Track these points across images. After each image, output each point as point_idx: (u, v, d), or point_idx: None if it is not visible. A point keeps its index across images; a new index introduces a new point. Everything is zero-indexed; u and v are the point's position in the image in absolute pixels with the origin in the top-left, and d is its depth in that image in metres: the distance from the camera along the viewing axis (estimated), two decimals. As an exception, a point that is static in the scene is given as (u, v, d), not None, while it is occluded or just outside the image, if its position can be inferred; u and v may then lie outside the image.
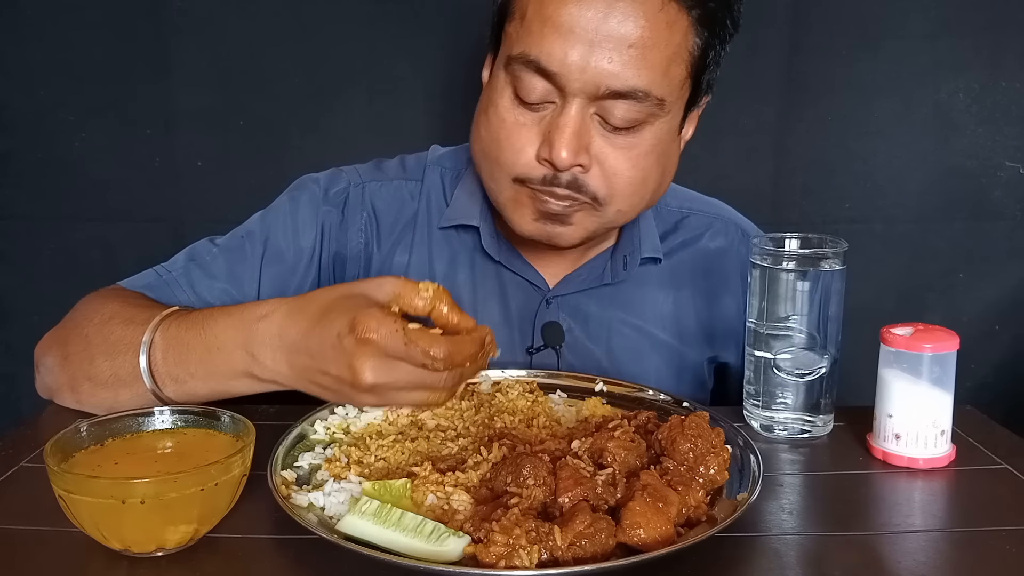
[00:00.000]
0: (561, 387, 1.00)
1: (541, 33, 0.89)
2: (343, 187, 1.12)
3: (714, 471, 0.75)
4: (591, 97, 0.90)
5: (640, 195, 0.98)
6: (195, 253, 1.08)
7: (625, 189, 0.96)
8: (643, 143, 0.94)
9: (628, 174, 0.95)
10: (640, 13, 0.87)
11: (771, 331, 0.92)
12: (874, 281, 1.60)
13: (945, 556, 0.70)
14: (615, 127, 0.92)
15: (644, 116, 0.92)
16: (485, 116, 0.97)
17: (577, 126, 0.91)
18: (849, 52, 1.55)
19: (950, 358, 0.86)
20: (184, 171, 1.56)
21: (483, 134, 0.98)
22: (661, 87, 0.90)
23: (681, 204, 1.18)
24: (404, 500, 0.73)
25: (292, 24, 1.51)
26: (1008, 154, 1.59)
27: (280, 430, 0.84)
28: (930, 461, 0.86)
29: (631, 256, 1.10)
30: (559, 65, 0.88)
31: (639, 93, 0.89)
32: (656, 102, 0.91)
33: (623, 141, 0.93)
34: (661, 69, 0.90)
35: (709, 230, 1.17)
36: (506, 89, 0.94)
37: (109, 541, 0.66)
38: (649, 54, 0.88)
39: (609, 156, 0.93)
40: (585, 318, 1.11)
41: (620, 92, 0.89)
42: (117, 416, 0.75)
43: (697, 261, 1.15)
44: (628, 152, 0.94)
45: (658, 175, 0.98)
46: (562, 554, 0.63)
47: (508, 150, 0.95)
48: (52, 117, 1.54)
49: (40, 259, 1.59)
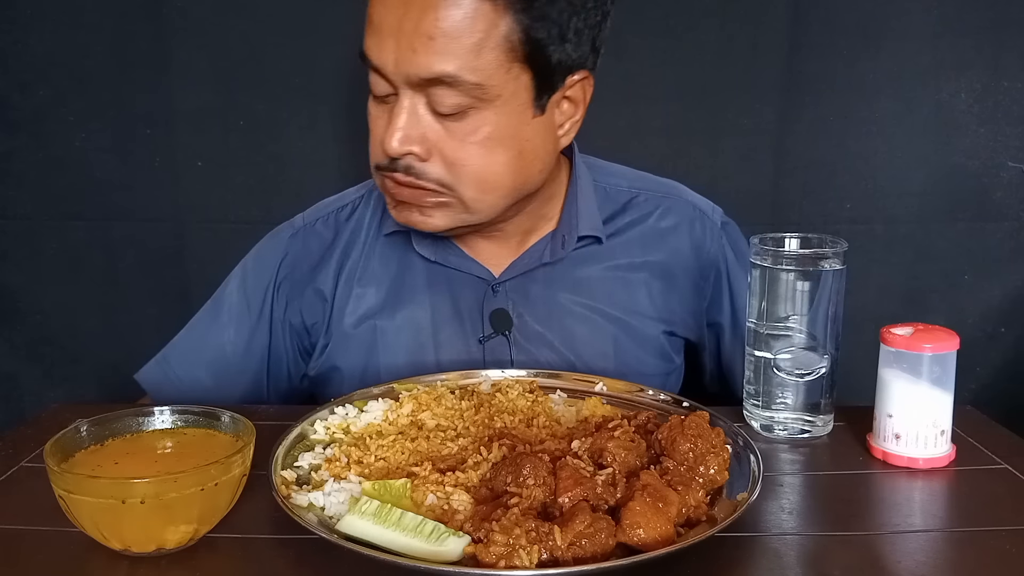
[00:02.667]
0: (561, 387, 1.00)
1: (367, 33, 0.96)
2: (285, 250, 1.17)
3: (714, 471, 0.75)
4: (412, 86, 0.94)
5: (493, 182, 1.00)
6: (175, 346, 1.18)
7: (471, 176, 0.98)
8: (477, 130, 0.97)
9: (471, 161, 0.98)
10: (434, 6, 0.91)
11: (771, 331, 0.92)
12: (876, 282, 1.60)
13: (945, 556, 0.70)
14: (442, 114, 0.96)
15: (469, 102, 0.95)
16: None
17: (406, 117, 0.96)
18: (850, 52, 1.54)
19: (950, 358, 0.86)
20: (184, 171, 1.56)
21: None
22: (474, 72, 0.93)
23: (632, 184, 1.20)
24: (404, 500, 0.73)
25: (292, 24, 1.51)
26: (1010, 154, 1.58)
27: (280, 430, 0.84)
28: (930, 461, 0.86)
29: (568, 235, 1.12)
30: (377, 59, 0.95)
31: (448, 79, 0.92)
32: (474, 86, 0.93)
33: (456, 128, 0.96)
34: (470, 55, 0.92)
35: (659, 208, 1.18)
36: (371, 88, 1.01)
37: (109, 541, 0.66)
38: (451, 44, 0.91)
39: (447, 144, 0.97)
40: (532, 302, 1.12)
41: (430, 79, 0.93)
42: (117, 416, 0.75)
43: (647, 239, 1.16)
44: (464, 140, 0.97)
45: (507, 159, 0.99)
46: (562, 554, 0.63)
47: (371, 143, 1.02)
48: (53, 117, 1.54)
49: (41, 258, 1.59)
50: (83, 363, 1.62)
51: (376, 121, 1.01)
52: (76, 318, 1.59)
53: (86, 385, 1.63)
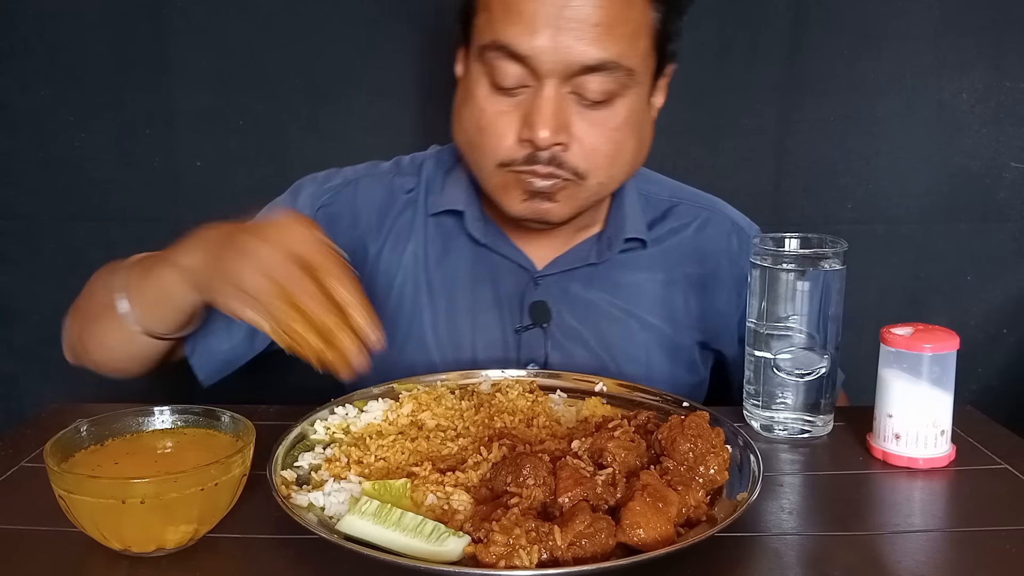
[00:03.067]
0: (561, 387, 1.00)
1: (508, 20, 0.93)
2: (337, 183, 1.16)
3: (714, 471, 0.75)
4: (565, 76, 0.94)
5: (619, 166, 1.02)
6: None
7: (603, 162, 1.00)
8: (618, 115, 0.98)
9: (605, 148, 0.99)
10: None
11: (771, 331, 0.92)
12: (878, 283, 1.60)
13: (945, 556, 0.70)
14: (592, 101, 0.96)
15: (617, 87, 0.96)
16: (466, 108, 1.01)
17: (555, 105, 0.95)
18: (851, 52, 1.54)
19: (950, 358, 0.86)
20: (184, 171, 1.56)
21: (466, 126, 1.02)
22: (630, 58, 0.95)
23: (672, 193, 1.21)
24: (404, 500, 0.73)
25: (292, 24, 1.51)
26: (1013, 154, 1.58)
27: (280, 430, 0.84)
28: (930, 461, 0.86)
29: (615, 237, 1.12)
30: (529, 48, 0.92)
31: (610, 64, 0.94)
32: (626, 72, 0.95)
33: (599, 116, 0.97)
34: (627, 41, 0.94)
35: (697, 219, 1.19)
36: (481, 79, 0.98)
37: (109, 541, 0.66)
38: (613, 30, 0.93)
39: (587, 132, 0.98)
40: (572, 299, 1.13)
41: (591, 66, 0.93)
42: (117, 416, 0.75)
43: (685, 248, 1.17)
44: (604, 126, 0.98)
45: (634, 144, 1.03)
46: (562, 554, 0.63)
47: (491, 137, 0.99)
48: (53, 117, 1.54)
49: (41, 258, 1.59)
50: (83, 364, 1.62)
51: (497, 116, 0.98)
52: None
53: (85, 385, 1.61)
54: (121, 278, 0.95)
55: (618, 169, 1.03)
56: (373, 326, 0.78)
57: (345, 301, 0.77)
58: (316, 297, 0.76)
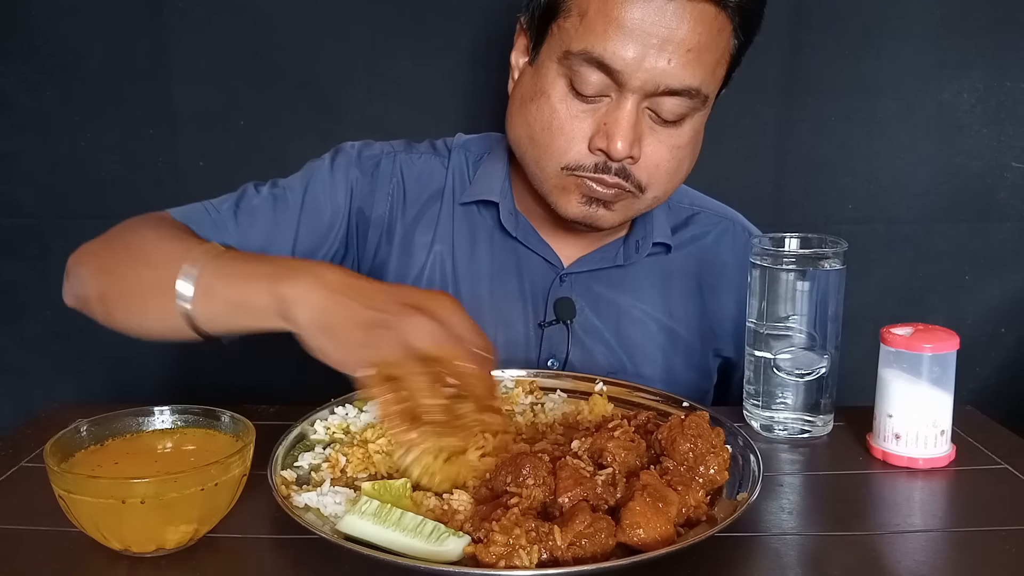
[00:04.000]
0: (561, 387, 1.00)
1: (606, 33, 0.93)
2: (375, 153, 1.17)
3: (714, 471, 0.75)
4: (647, 94, 0.95)
5: (674, 182, 1.05)
6: (241, 198, 1.11)
7: (663, 177, 1.02)
8: (684, 135, 1.00)
9: (667, 165, 1.01)
10: (699, 19, 0.92)
11: (771, 331, 0.92)
12: (877, 282, 1.60)
13: (945, 556, 0.70)
14: (665, 120, 0.98)
15: (689, 111, 0.98)
16: (535, 104, 1.00)
17: (633, 120, 0.96)
18: (851, 52, 1.54)
19: (950, 358, 0.86)
20: (186, 170, 1.57)
21: (532, 123, 1.01)
22: (709, 85, 0.97)
23: (692, 202, 1.23)
24: (404, 500, 0.73)
25: (292, 24, 1.51)
26: (1013, 155, 1.58)
27: (280, 430, 0.84)
28: (930, 461, 0.86)
29: (643, 240, 1.14)
30: (622, 63, 0.93)
31: (692, 91, 0.95)
32: (702, 98, 0.98)
33: (667, 133, 0.99)
34: (711, 70, 0.96)
35: (716, 228, 1.21)
36: (559, 80, 0.98)
37: (109, 541, 0.66)
38: (703, 57, 0.94)
39: (655, 149, 0.99)
40: (596, 299, 1.14)
41: (676, 90, 0.95)
42: (117, 416, 0.75)
43: (704, 256, 1.19)
44: (669, 143, 1.00)
45: (690, 162, 1.05)
46: (562, 554, 0.64)
47: (561, 139, 0.99)
48: (59, 117, 1.55)
49: (49, 256, 1.60)
50: (91, 358, 1.63)
51: (571, 120, 0.98)
52: (84, 314, 1.60)
53: (95, 380, 1.64)
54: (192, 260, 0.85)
55: (673, 185, 1.05)
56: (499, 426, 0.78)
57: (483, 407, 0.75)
58: (439, 406, 0.72)
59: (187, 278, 0.83)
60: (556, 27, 0.98)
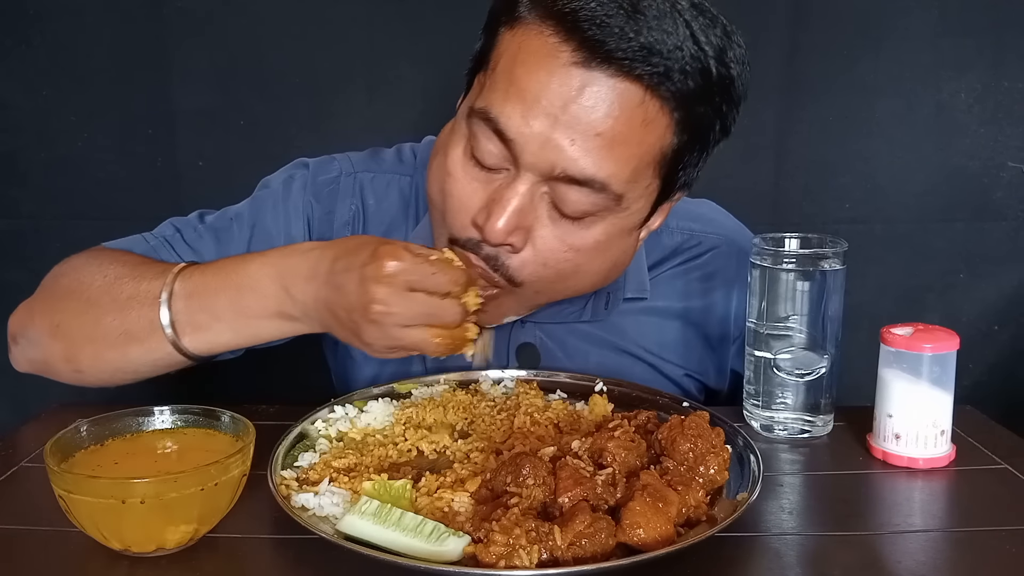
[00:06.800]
0: (561, 387, 1.00)
1: (506, 93, 0.81)
2: (333, 176, 1.07)
3: (714, 471, 0.75)
4: (544, 175, 0.82)
5: (567, 284, 0.91)
6: (182, 228, 1.04)
7: (549, 277, 0.88)
8: (589, 237, 0.86)
9: (558, 266, 0.87)
10: (617, 103, 0.79)
11: (771, 331, 0.92)
12: (874, 281, 1.60)
13: (945, 556, 0.70)
14: (563, 214, 0.84)
15: (597, 209, 0.84)
16: (438, 161, 0.90)
17: (521, 204, 0.83)
18: (850, 52, 1.55)
19: (950, 358, 0.86)
20: (185, 171, 1.57)
21: (432, 180, 0.91)
22: (621, 184, 0.83)
23: (680, 224, 1.10)
24: (404, 500, 0.73)
25: (292, 24, 1.52)
26: (1010, 154, 1.59)
27: (280, 430, 0.84)
28: (930, 461, 0.86)
29: (614, 294, 1.04)
30: (516, 132, 0.81)
31: (596, 183, 0.82)
32: (613, 197, 0.83)
33: (567, 229, 0.86)
34: (627, 165, 0.82)
35: (707, 253, 1.10)
36: (461, 141, 0.87)
37: (109, 541, 0.66)
38: (617, 148, 0.81)
39: (547, 242, 0.86)
40: (562, 339, 1.07)
41: (575, 179, 0.81)
42: (117, 416, 0.75)
43: (690, 284, 1.10)
44: (567, 242, 0.86)
45: (600, 266, 0.91)
46: (562, 554, 0.64)
47: (450, 206, 0.88)
48: (56, 117, 1.55)
49: (46, 257, 1.58)
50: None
51: (468, 186, 0.86)
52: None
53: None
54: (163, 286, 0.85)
55: (567, 288, 0.92)
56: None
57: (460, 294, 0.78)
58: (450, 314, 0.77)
59: (163, 305, 0.84)
60: (476, 80, 0.89)
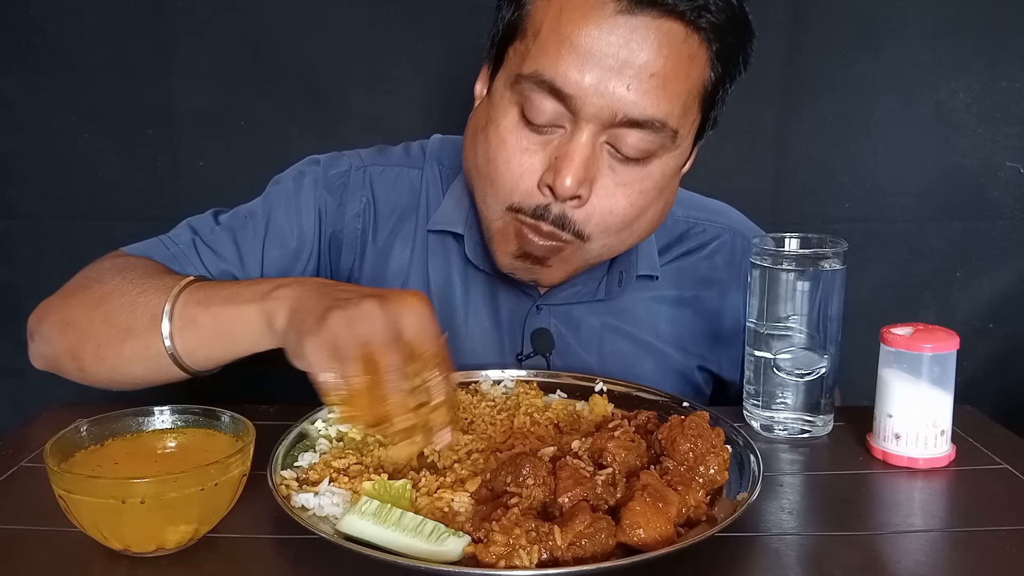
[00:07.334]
0: (561, 387, 1.00)
1: (558, 53, 0.84)
2: (343, 170, 1.09)
3: (714, 471, 0.75)
4: (605, 124, 0.86)
5: (631, 231, 0.94)
6: (199, 229, 1.06)
7: (616, 226, 0.92)
8: (650, 177, 0.90)
9: (623, 211, 0.91)
10: (664, 42, 0.84)
11: (771, 331, 0.92)
12: (871, 280, 1.61)
13: (945, 556, 0.71)
14: (626, 157, 0.88)
15: (656, 147, 0.88)
16: (484, 135, 0.92)
17: (587, 154, 0.86)
18: (849, 52, 1.55)
19: (950, 358, 0.86)
20: (186, 171, 1.57)
21: (481, 154, 0.93)
22: (677, 119, 0.87)
23: (687, 213, 1.14)
24: (404, 500, 0.73)
25: (292, 24, 1.52)
26: (1008, 154, 1.59)
27: (280, 430, 0.84)
28: (930, 461, 0.86)
29: (627, 272, 1.07)
30: (575, 87, 0.84)
31: (656, 123, 0.86)
32: (671, 134, 0.88)
33: (630, 174, 0.89)
34: (678, 101, 0.87)
35: (714, 241, 1.13)
36: (511, 109, 0.89)
37: (109, 541, 0.66)
38: (669, 84, 0.85)
39: (610, 193, 0.89)
40: (576, 325, 1.08)
41: (637, 121, 0.85)
42: (117, 416, 0.75)
43: (699, 272, 1.12)
44: (631, 187, 0.90)
45: (656, 210, 0.95)
46: (562, 554, 0.64)
47: (507, 175, 0.90)
48: (56, 117, 1.55)
49: (46, 257, 1.60)
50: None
51: (520, 153, 0.88)
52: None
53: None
54: (168, 295, 0.86)
55: (631, 234, 0.95)
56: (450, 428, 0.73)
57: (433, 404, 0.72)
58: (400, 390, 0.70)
59: (166, 314, 0.85)
60: (512, 51, 0.91)
